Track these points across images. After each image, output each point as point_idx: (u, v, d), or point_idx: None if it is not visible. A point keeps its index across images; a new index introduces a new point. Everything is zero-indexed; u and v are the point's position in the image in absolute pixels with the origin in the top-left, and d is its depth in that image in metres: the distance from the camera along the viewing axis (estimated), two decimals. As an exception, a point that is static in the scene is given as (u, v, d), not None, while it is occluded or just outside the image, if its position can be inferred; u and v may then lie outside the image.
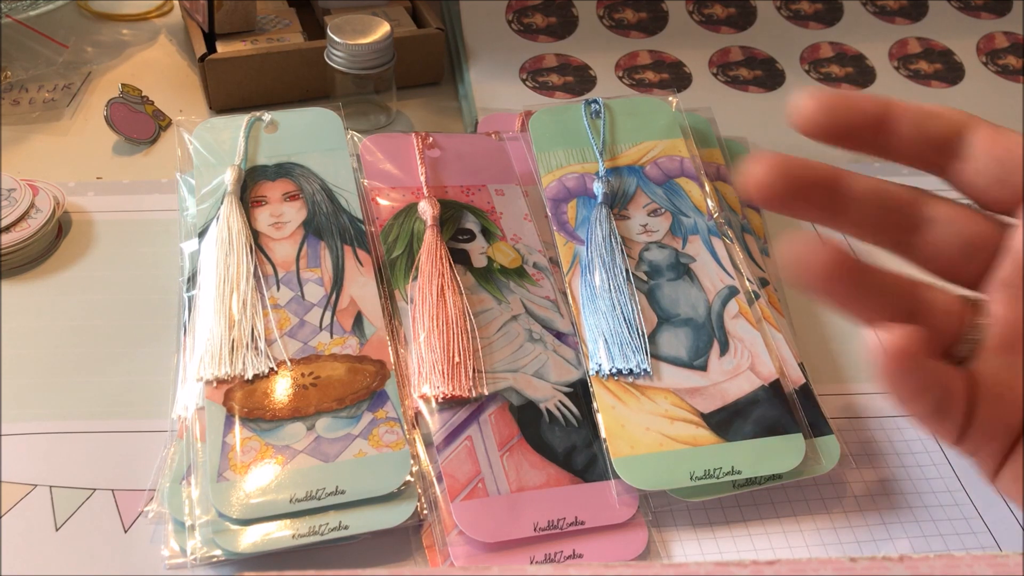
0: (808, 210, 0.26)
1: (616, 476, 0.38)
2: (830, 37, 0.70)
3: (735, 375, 0.41)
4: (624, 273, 0.44)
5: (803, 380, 0.42)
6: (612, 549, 0.37)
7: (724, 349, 0.42)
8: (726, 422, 0.40)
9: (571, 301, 0.44)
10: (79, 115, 0.59)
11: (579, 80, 0.64)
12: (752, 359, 0.42)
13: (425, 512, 0.37)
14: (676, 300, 0.44)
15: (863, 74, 0.67)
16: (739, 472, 0.38)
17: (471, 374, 0.41)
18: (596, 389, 0.41)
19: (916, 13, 0.72)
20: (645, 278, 0.45)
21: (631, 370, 0.41)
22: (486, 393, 0.40)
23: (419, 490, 0.37)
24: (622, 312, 0.42)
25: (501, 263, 0.46)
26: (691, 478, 0.38)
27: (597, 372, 0.41)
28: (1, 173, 0.50)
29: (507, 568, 0.31)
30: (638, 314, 0.43)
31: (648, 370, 0.41)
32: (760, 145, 0.59)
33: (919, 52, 0.69)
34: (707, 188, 0.49)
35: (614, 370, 0.41)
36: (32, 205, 0.48)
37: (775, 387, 0.41)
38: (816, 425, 0.40)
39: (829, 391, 0.44)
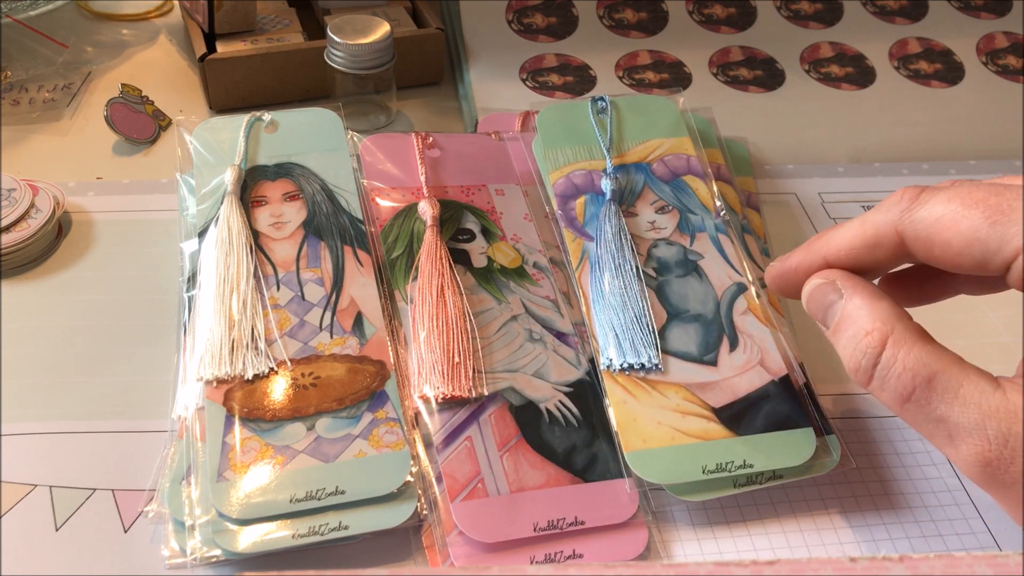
0: None
1: (628, 471, 0.38)
2: (830, 37, 0.70)
3: (745, 370, 0.41)
4: (634, 270, 0.44)
5: (803, 380, 0.42)
6: (612, 549, 0.37)
7: (733, 344, 0.42)
8: (737, 417, 0.40)
9: (581, 297, 0.44)
10: (79, 115, 0.59)
11: (579, 80, 0.64)
12: (761, 354, 0.42)
13: (425, 512, 0.37)
14: (685, 296, 0.44)
15: (863, 74, 0.67)
16: (751, 466, 0.38)
17: (471, 374, 0.41)
18: (607, 384, 0.41)
19: (916, 13, 0.72)
20: (654, 274, 0.45)
21: (642, 364, 0.41)
22: (486, 393, 0.40)
23: (419, 490, 0.37)
24: (632, 308, 0.43)
25: (501, 263, 0.46)
26: (703, 471, 0.38)
27: (608, 367, 0.41)
28: (1, 173, 0.50)
29: (507, 568, 0.31)
30: (648, 310, 0.43)
31: (659, 365, 0.41)
32: (760, 145, 0.59)
33: (919, 52, 0.69)
34: (714, 186, 0.49)
35: (625, 365, 0.41)
36: (32, 205, 0.48)
37: (784, 382, 0.41)
38: (816, 425, 0.40)
39: (829, 391, 0.44)
